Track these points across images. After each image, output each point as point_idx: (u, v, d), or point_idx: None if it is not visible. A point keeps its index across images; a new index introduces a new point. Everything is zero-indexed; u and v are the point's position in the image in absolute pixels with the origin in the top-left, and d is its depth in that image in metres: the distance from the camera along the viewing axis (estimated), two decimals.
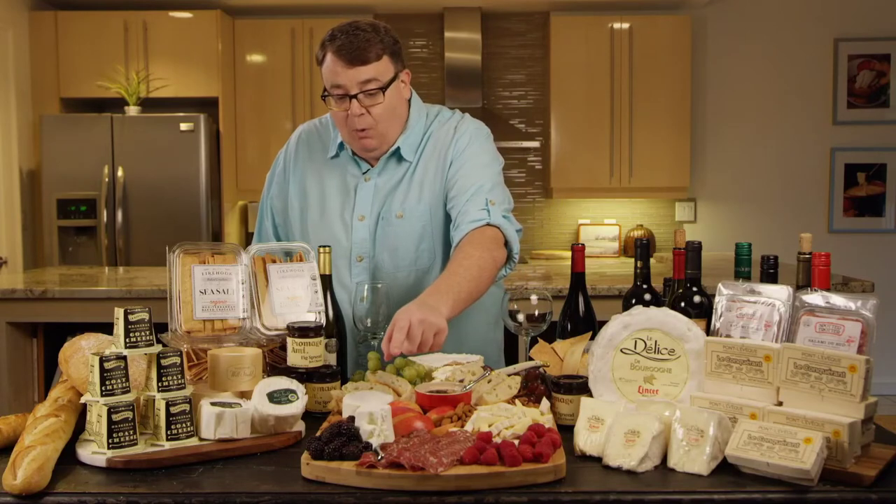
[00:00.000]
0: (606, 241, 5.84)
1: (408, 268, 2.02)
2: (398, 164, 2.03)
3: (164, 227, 5.08)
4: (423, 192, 2.02)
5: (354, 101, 1.90)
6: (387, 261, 2.02)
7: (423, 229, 2.01)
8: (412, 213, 2.00)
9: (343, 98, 1.91)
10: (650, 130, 5.55)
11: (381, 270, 2.02)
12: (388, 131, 1.98)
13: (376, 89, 1.90)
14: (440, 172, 2.02)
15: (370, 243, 2.02)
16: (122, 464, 1.35)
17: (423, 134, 2.05)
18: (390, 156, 2.03)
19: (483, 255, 1.84)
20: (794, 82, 5.82)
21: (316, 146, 2.13)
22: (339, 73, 1.89)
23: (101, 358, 1.39)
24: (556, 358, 1.75)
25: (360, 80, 1.89)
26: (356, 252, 2.02)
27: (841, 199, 5.85)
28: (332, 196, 2.06)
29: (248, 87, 5.57)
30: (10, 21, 5.08)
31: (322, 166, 2.09)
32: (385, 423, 1.37)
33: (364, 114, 1.91)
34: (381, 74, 1.91)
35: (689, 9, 5.75)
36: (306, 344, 1.67)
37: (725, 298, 1.57)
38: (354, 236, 2.02)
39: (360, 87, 1.89)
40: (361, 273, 2.02)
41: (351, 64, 1.88)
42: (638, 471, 1.32)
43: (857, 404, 1.32)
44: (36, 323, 3.44)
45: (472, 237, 1.89)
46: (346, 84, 1.89)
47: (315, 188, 2.09)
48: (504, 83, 5.89)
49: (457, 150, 2.02)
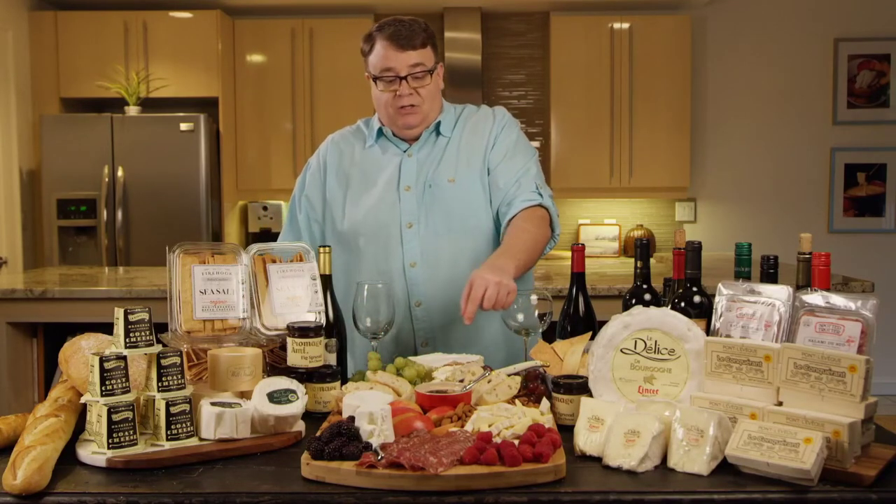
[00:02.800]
0: (606, 241, 5.83)
1: (459, 230, 2.11)
2: (436, 140, 2.17)
3: (164, 227, 5.08)
4: (471, 160, 2.15)
5: (404, 83, 2.06)
6: (440, 224, 2.10)
7: (476, 192, 2.13)
8: (465, 177, 2.12)
9: (392, 81, 2.06)
10: (650, 130, 5.55)
11: (434, 234, 2.10)
12: (430, 112, 2.14)
13: (423, 72, 2.07)
14: (481, 148, 2.16)
15: (419, 210, 2.10)
16: (122, 464, 1.35)
17: (455, 118, 2.21)
18: (430, 132, 2.17)
19: (536, 231, 2.03)
20: (794, 82, 5.82)
21: (350, 143, 2.25)
22: (390, 57, 2.05)
23: (101, 358, 1.39)
24: (556, 358, 1.75)
25: (409, 63, 2.05)
26: (406, 220, 2.10)
27: (841, 199, 5.85)
28: (374, 175, 2.16)
29: (248, 87, 5.57)
30: (10, 21, 5.08)
31: (360, 157, 2.21)
32: (385, 423, 1.37)
33: (413, 93, 2.08)
34: (427, 60, 2.08)
35: (689, 9, 5.75)
36: (306, 344, 1.67)
37: (725, 298, 1.57)
38: (403, 206, 2.11)
39: (410, 70, 2.06)
40: (413, 238, 2.09)
41: (402, 49, 2.04)
42: (638, 471, 1.32)
43: (857, 404, 1.32)
44: (36, 323, 3.44)
45: (525, 215, 2.06)
46: (396, 67, 2.05)
47: (356, 173, 2.18)
48: (504, 83, 5.89)
49: (498, 131, 2.18)
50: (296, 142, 5.56)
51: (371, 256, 2.10)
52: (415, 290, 2.08)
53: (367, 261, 2.11)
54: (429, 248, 2.09)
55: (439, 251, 2.08)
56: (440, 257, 2.08)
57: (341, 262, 2.12)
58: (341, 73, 5.49)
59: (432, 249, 2.09)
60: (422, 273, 2.08)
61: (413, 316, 2.09)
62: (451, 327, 2.08)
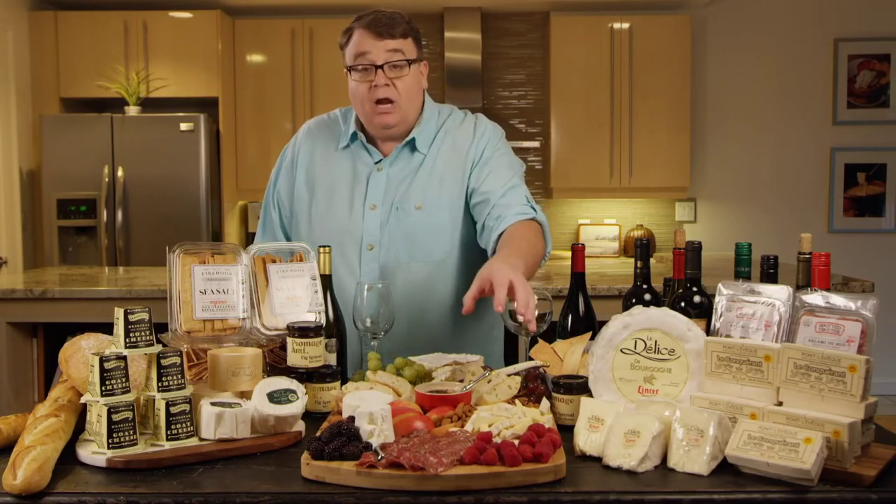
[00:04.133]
0: (606, 241, 5.83)
1: (423, 259, 2.03)
2: (411, 156, 2.06)
3: (164, 227, 5.09)
4: (444, 185, 2.03)
5: (380, 72, 1.95)
6: (402, 251, 2.02)
7: (442, 222, 2.03)
8: (433, 205, 2.02)
9: (367, 70, 1.95)
10: (650, 130, 5.55)
11: (394, 260, 2.02)
12: (409, 111, 2.01)
13: (402, 61, 1.95)
14: (460, 169, 2.05)
15: (381, 232, 2.02)
16: (122, 464, 1.35)
17: (436, 129, 2.08)
18: (403, 146, 2.05)
19: (535, 242, 1.91)
20: (794, 82, 5.82)
21: (325, 137, 2.14)
22: (366, 44, 1.94)
23: (101, 358, 1.39)
24: (556, 358, 1.75)
25: (387, 50, 1.94)
26: (367, 240, 2.02)
27: (841, 199, 5.85)
28: (341, 185, 2.07)
29: (248, 87, 5.57)
30: (10, 21, 5.08)
31: (331, 157, 2.10)
32: (385, 423, 1.37)
33: (389, 85, 1.95)
34: (407, 50, 1.97)
35: (689, 9, 5.75)
36: (306, 344, 1.67)
37: (725, 298, 1.57)
38: (366, 225, 2.02)
39: (387, 58, 1.94)
40: (372, 261, 2.02)
41: (380, 36, 1.94)
42: (638, 471, 1.32)
43: (857, 404, 1.32)
44: (36, 323, 3.43)
45: (520, 226, 1.94)
46: (372, 53, 1.94)
47: (324, 178, 2.09)
48: (504, 83, 5.89)
49: (479, 149, 2.05)
50: None
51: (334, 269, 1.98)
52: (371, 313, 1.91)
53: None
54: (388, 273, 2.00)
55: (398, 277, 1.99)
56: (397, 284, 1.98)
57: None
58: (341, 73, 5.42)
59: (391, 274, 2.00)
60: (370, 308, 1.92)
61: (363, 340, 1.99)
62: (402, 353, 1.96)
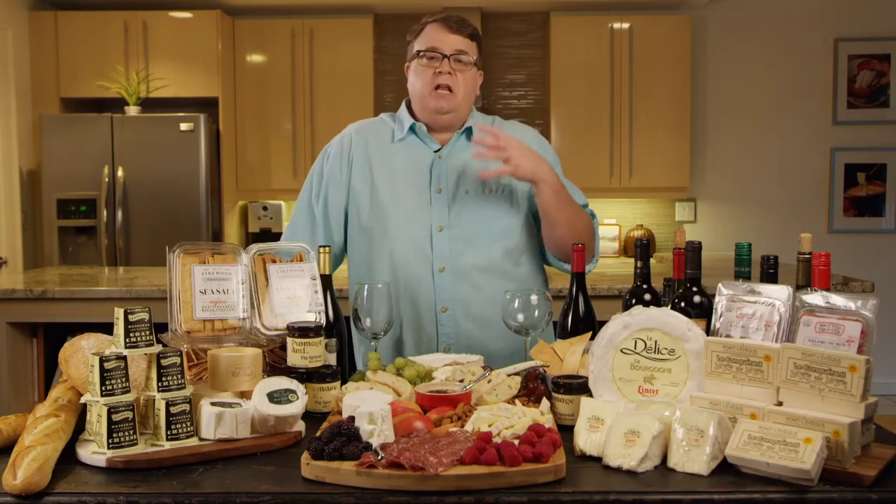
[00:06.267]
0: (606, 241, 5.83)
1: (490, 235, 2.09)
2: (467, 144, 2.13)
3: (164, 227, 5.08)
4: None
5: (446, 61, 2.08)
6: (472, 231, 2.09)
7: (509, 204, 2.12)
8: (498, 188, 2.11)
9: (434, 57, 2.08)
10: (650, 130, 5.55)
11: (464, 241, 2.08)
12: (463, 105, 2.12)
13: (467, 60, 2.09)
14: None
15: (450, 215, 2.08)
16: (122, 464, 1.35)
17: (490, 124, 2.19)
18: (461, 134, 2.15)
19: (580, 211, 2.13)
20: (794, 82, 5.82)
21: (376, 133, 2.20)
22: (438, 38, 2.09)
23: (101, 358, 1.39)
24: (556, 358, 1.75)
25: (456, 47, 2.08)
26: (436, 223, 2.08)
27: (841, 199, 5.84)
28: (403, 174, 2.13)
29: (248, 87, 5.57)
30: (10, 21, 5.08)
31: (387, 150, 2.17)
32: (385, 423, 1.37)
33: (452, 73, 2.08)
34: (472, 52, 2.11)
35: (689, 9, 5.75)
36: (306, 344, 1.67)
37: (725, 298, 1.57)
38: (434, 208, 2.09)
39: (454, 52, 2.08)
40: (443, 241, 2.07)
41: (451, 31, 2.09)
42: (638, 471, 1.32)
43: (857, 404, 1.32)
44: (36, 323, 3.44)
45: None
46: (443, 46, 2.08)
47: (382, 171, 2.13)
48: (504, 83, 5.89)
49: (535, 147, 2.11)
50: (296, 142, 5.56)
51: (400, 255, 2.06)
52: (442, 295, 2.05)
53: (394, 259, 2.07)
54: (457, 254, 2.06)
55: (468, 257, 2.06)
56: (469, 263, 2.06)
57: (362, 253, 2.10)
58: (341, 73, 5.48)
59: (460, 254, 2.06)
60: (450, 278, 2.05)
61: (438, 321, 2.06)
62: (476, 334, 2.06)
